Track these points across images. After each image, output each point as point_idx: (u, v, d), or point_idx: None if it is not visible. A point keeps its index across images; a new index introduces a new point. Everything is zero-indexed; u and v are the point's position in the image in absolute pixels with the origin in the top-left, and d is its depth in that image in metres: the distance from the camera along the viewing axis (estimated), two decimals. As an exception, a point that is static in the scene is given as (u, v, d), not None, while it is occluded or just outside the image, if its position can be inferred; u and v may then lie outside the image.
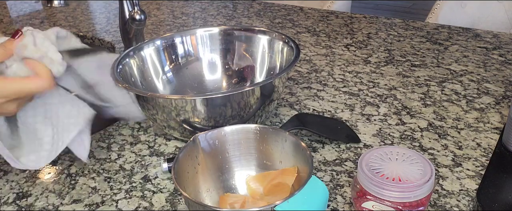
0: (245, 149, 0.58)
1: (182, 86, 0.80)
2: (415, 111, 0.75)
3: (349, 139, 0.67)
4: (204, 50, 0.82)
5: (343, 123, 0.72)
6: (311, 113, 0.76)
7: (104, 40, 1.17)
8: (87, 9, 1.46)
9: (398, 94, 0.81)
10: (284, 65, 0.74)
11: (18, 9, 1.49)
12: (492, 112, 0.74)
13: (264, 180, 0.56)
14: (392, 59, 0.95)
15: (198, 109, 0.61)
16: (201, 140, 0.55)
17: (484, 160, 0.62)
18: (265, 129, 0.57)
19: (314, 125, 0.68)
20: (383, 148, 0.50)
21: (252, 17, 1.27)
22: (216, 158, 0.57)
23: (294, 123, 0.66)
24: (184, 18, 1.29)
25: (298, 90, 0.84)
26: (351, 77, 0.88)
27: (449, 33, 1.08)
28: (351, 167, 0.62)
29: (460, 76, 0.86)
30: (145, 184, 0.61)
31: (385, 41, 1.05)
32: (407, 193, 0.45)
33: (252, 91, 0.62)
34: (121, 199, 0.59)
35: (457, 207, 0.54)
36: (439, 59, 0.94)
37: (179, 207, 0.56)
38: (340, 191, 0.57)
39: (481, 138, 0.67)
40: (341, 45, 1.04)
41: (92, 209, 0.57)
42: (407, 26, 1.14)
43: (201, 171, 0.56)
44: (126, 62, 0.73)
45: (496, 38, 1.04)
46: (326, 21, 1.21)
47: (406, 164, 0.48)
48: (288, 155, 0.55)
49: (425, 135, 0.68)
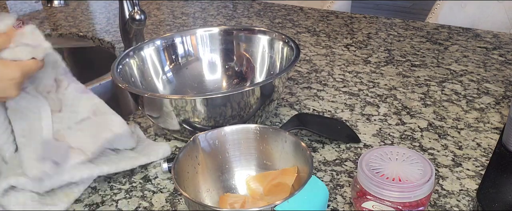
0: (245, 149, 0.58)
1: (182, 86, 0.80)
2: (415, 111, 0.75)
3: (349, 139, 0.67)
4: (204, 50, 0.82)
5: (343, 123, 0.72)
6: (311, 113, 0.76)
7: (104, 40, 1.17)
8: (87, 9, 1.46)
9: (398, 94, 0.81)
10: (284, 65, 0.74)
11: (18, 9, 1.49)
12: (492, 112, 0.74)
13: (264, 180, 0.56)
14: (392, 59, 0.95)
15: (198, 109, 0.61)
16: (201, 140, 0.55)
17: (484, 160, 0.62)
18: (265, 129, 0.57)
19: (314, 125, 0.68)
20: (383, 148, 0.50)
21: (252, 17, 1.27)
22: (216, 158, 0.57)
23: (294, 123, 0.66)
24: (184, 18, 1.29)
25: (298, 90, 0.84)
26: (351, 77, 0.88)
27: (449, 33, 1.08)
28: (351, 167, 0.62)
29: (460, 76, 0.86)
30: (145, 184, 0.61)
31: (385, 41, 1.05)
32: (407, 193, 0.45)
33: (252, 91, 0.62)
34: (121, 199, 0.59)
35: (457, 207, 0.54)
36: (439, 59, 0.94)
37: (179, 207, 0.56)
38: (340, 191, 0.57)
39: (481, 138, 0.67)
40: (341, 45, 1.04)
41: (92, 209, 0.57)
42: (407, 26, 1.14)
43: (201, 171, 0.56)
44: (126, 62, 0.73)
45: (496, 38, 1.04)
46: (326, 21, 1.21)
47: (406, 164, 0.48)
48: (288, 155, 0.55)
49: (425, 135, 0.68)
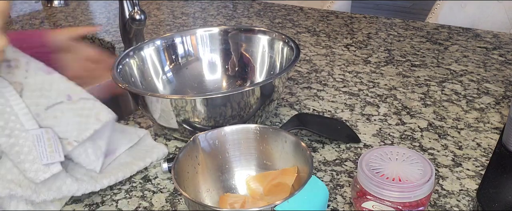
0: (245, 149, 0.58)
1: (182, 86, 0.80)
2: (415, 111, 0.75)
3: (349, 139, 0.67)
4: (204, 50, 0.82)
5: (343, 123, 0.72)
6: (311, 113, 0.76)
7: (104, 40, 1.17)
8: (87, 9, 1.46)
9: (398, 94, 0.81)
10: (284, 65, 0.73)
11: (18, 9, 1.49)
12: (492, 112, 0.74)
13: (264, 180, 0.56)
14: (392, 59, 0.95)
15: (198, 109, 0.61)
16: (201, 140, 0.55)
17: (484, 160, 0.62)
18: (265, 129, 0.57)
19: (314, 125, 0.68)
20: (383, 148, 0.50)
21: (252, 17, 1.27)
22: (216, 158, 0.57)
23: (294, 122, 0.66)
24: (184, 18, 1.29)
25: (298, 90, 0.84)
26: (351, 77, 0.88)
27: (449, 33, 1.08)
28: (351, 167, 0.62)
29: (460, 76, 0.86)
30: (145, 184, 0.61)
31: (385, 41, 1.05)
32: (407, 193, 0.45)
33: (252, 91, 0.62)
34: (121, 199, 0.59)
35: (457, 207, 0.54)
36: (439, 59, 0.94)
37: (179, 207, 0.56)
38: (340, 191, 0.57)
39: (481, 138, 0.67)
40: (341, 45, 1.04)
41: (92, 209, 0.57)
42: (407, 26, 1.14)
43: (201, 171, 0.56)
44: (126, 62, 0.73)
45: (496, 38, 1.04)
46: (326, 21, 1.21)
47: (406, 164, 0.48)
48: (288, 155, 0.55)
49: (425, 135, 0.68)
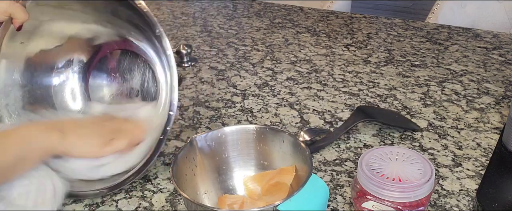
0: (243, 150, 0.57)
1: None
2: (415, 111, 0.75)
3: (409, 126, 0.70)
4: None
5: (398, 112, 0.74)
6: (370, 105, 0.77)
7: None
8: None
9: (398, 94, 0.81)
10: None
11: (18, 9, 1.49)
12: (492, 112, 0.74)
13: (262, 180, 0.55)
14: (392, 59, 0.95)
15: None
16: (198, 142, 0.55)
17: (484, 160, 0.62)
18: (263, 129, 0.56)
19: (379, 116, 0.71)
20: (383, 148, 0.50)
21: (252, 17, 1.27)
22: (214, 159, 0.57)
23: (361, 115, 0.69)
24: (184, 18, 1.29)
25: (298, 90, 0.84)
26: (351, 77, 0.88)
27: (449, 33, 1.08)
28: (351, 167, 0.62)
29: (460, 76, 0.86)
30: (145, 184, 0.61)
31: (385, 41, 1.05)
32: (407, 193, 0.45)
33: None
34: (121, 199, 0.59)
35: (457, 207, 0.54)
36: (439, 59, 0.94)
37: (179, 207, 0.56)
38: (340, 191, 0.57)
39: (481, 138, 0.67)
40: (341, 45, 1.04)
41: (92, 209, 0.57)
42: (407, 26, 1.14)
43: (199, 173, 0.55)
44: None
45: (496, 38, 1.04)
46: (326, 21, 1.21)
47: (406, 164, 0.48)
48: (286, 155, 0.55)
49: (425, 135, 0.68)
